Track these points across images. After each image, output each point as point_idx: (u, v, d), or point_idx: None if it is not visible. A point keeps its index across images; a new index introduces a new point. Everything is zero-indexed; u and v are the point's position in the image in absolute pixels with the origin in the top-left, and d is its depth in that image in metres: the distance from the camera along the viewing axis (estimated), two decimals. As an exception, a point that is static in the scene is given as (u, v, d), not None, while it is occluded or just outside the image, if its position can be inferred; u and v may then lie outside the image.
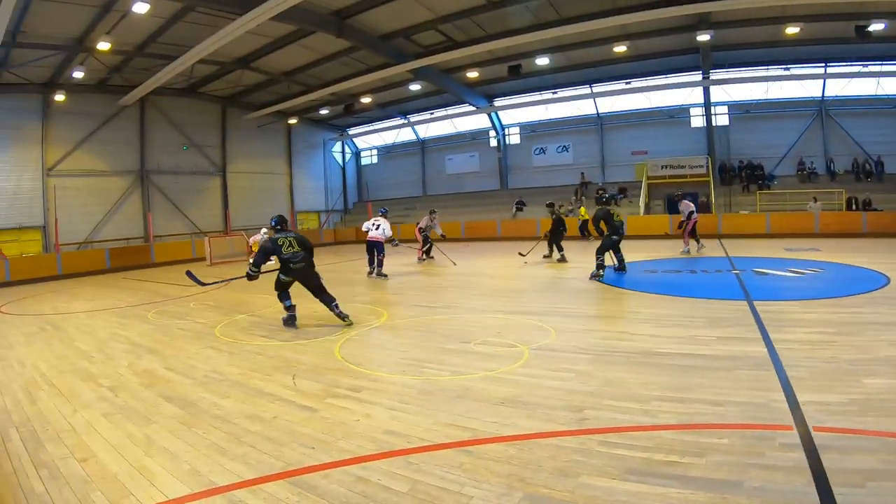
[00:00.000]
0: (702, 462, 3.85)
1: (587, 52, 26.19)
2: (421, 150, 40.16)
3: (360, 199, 43.13)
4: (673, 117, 30.48)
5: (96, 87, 27.19)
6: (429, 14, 22.01)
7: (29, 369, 8.00)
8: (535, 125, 34.88)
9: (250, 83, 30.27)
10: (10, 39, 19.75)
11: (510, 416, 4.93)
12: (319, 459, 4.33)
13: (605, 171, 32.53)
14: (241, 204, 34.10)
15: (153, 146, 30.20)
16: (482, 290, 12.93)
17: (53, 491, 4.08)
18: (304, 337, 8.81)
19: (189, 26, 21.29)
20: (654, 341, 7.18)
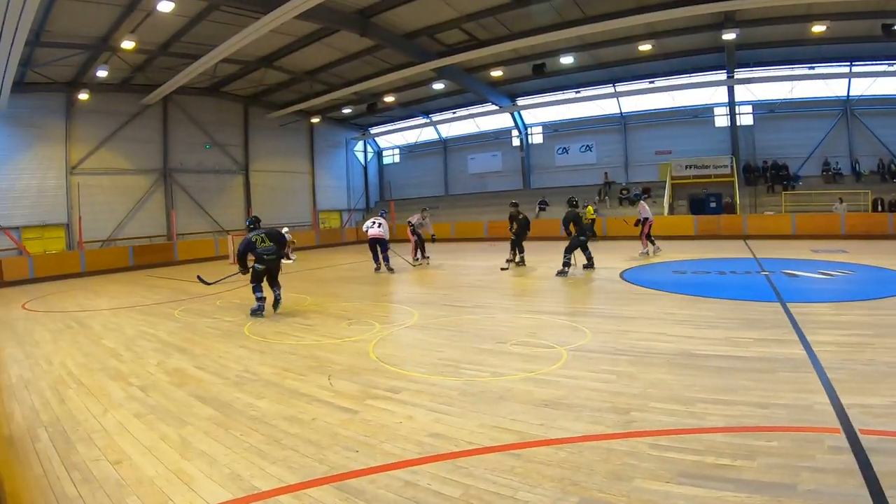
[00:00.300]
0: (753, 465, 3.77)
1: (611, 51, 25.90)
2: (443, 149, 39.97)
3: (382, 199, 42.94)
4: (697, 117, 30.03)
5: (120, 86, 27.26)
6: (453, 13, 21.82)
7: (56, 367, 7.93)
8: (558, 124, 34.55)
9: (273, 82, 30.22)
10: (35, 39, 19.79)
11: (556, 418, 4.83)
12: (364, 463, 4.20)
13: (629, 170, 32.16)
14: (264, 202, 33.99)
15: (176, 145, 30.29)
16: (511, 289, 12.82)
17: (87, 495, 3.95)
18: (336, 337, 8.68)
19: (213, 25, 21.25)
20: (692, 343, 7.05)
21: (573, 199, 16.18)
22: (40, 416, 5.80)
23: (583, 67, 28.21)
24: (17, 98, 23.07)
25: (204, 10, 19.98)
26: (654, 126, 31.37)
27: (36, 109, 25.02)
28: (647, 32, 23.16)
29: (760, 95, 28.35)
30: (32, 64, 22.41)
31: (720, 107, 29.13)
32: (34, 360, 8.49)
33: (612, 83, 30.46)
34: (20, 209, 24.50)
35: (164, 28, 21.43)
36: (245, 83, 30.14)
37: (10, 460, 4.71)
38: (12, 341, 10.29)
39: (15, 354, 9.07)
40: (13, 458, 4.76)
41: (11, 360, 8.63)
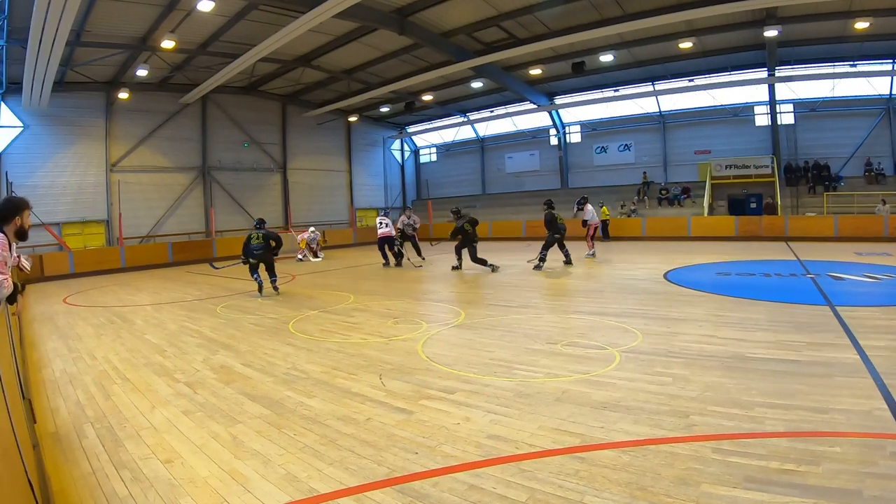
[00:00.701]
0: (818, 470, 3.69)
1: (651, 49, 25.50)
2: (480, 148, 39.76)
3: (419, 198, 42.97)
4: (737, 116, 29.44)
5: (159, 85, 27.57)
6: (491, 10, 21.62)
7: (100, 362, 7.92)
8: (596, 123, 34.18)
9: (311, 81, 30.27)
10: (75, 39, 19.98)
11: (615, 420, 4.73)
12: (425, 465, 4.10)
13: (668, 170, 31.67)
14: (302, 200, 34.27)
15: (214, 143, 30.57)
16: (556, 289, 12.64)
17: (138, 494, 3.87)
18: (382, 335, 8.58)
19: (252, 25, 21.34)
20: (744, 346, 6.88)
21: (550, 200, 17.41)
22: (86, 411, 5.75)
23: (621, 65, 27.84)
24: (57, 97, 23.48)
25: (243, 9, 20.01)
26: (693, 125, 30.83)
27: (76, 108, 25.43)
28: (686, 30, 22.74)
29: (801, 94, 27.64)
30: (72, 64, 22.71)
31: (761, 105, 28.59)
32: (77, 355, 8.48)
33: (651, 81, 30.08)
34: (61, 205, 24.88)
35: (203, 27, 21.57)
36: (283, 82, 30.24)
37: (56, 457, 4.64)
38: (55, 335, 10.32)
39: (58, 349, 9.08)
40: (60, 454, 4.69)
41: (55, 355, 8.63)
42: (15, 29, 18.33)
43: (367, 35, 23.58)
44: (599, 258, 18.53)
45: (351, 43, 24.50)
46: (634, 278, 13.80)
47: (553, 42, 22.61)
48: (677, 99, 30.66)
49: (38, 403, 6.11)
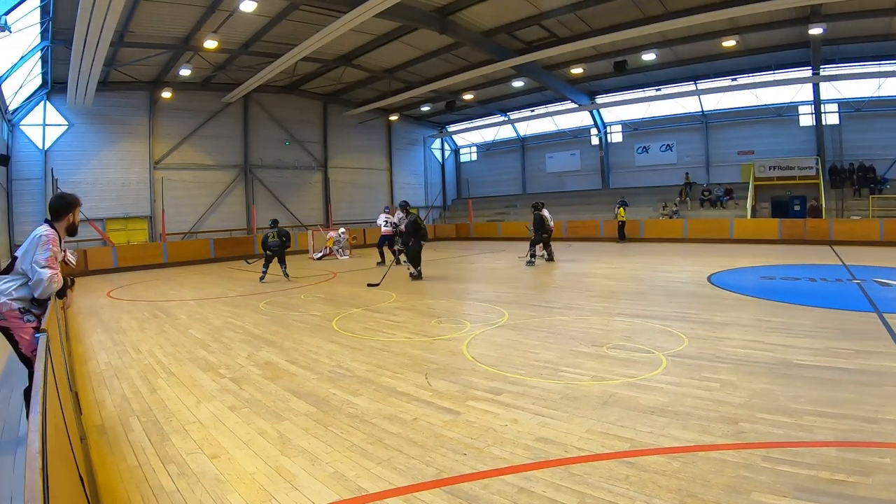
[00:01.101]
0: (868, 482, 3.61)
1: (693, 47, 25.03)
2: (521, 147, 39.49)
3: (460, 196, 43.00)
4: (781, 115, 28.69)
5: (201, 85, 27.97)
6: (532, 9, 21.42)
7: (145, 355, 8.02)
8: (638, 123, 33.75)
9: (352, 80, 30.38)
10: (118, 39, 20.33)
11: (664, 426, 4.66)
12: (474, 467, 4.06)
13: (710, 171, 31.05)
14: (342, 198, 34.50)
15: (256, 141, 30.89)
16: (598, 291, 12.44)
17: (185, 489, 3.89)
18: (426, 335, 8.56)
19: (293, 24, 21.46)
20: (791, 352, 6.74)
21: (538, 203, 18.84)
22: (132, 404, 5.82)
23: (663, 64, 27.39)
24: (102, 96, 23.93)
25: (285, 9, 20.09)
26: (736, 125, 30.18)
27: (120, 107, 25.93)
28: (730, 27, 22.27)
29: (847, 93, 26.84)
30: (116, 64, 23.14)
31: (805, 105, 27.82)
32: (122, 348, 8.60)
33: (694, 80, 29.49)
34: (105, 202, 25.31)
35: (245, 28, 21.76)
36: (324, 81, 30.41)
37: (102, 449, 4.68)
38: (99, 328, 10.51)
39: (103, 342, 9.22)
40: (106, 447, 4.73)
41: (99, 347, 8.76)
42: (60, 30, 18.68)
43: (408, 34, 23.57)
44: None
45: (392, 42, 24.50)
46: (678, 281, 13.64)
47: (594, 41, 22.36)
48: (720, 98, 30.03)
49: (83, 396, 6.19)
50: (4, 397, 6.32)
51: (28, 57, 19.47)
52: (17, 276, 4.65)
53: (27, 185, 23.24)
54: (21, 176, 23.06)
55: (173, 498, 3.77)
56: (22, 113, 23.38)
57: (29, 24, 17.48)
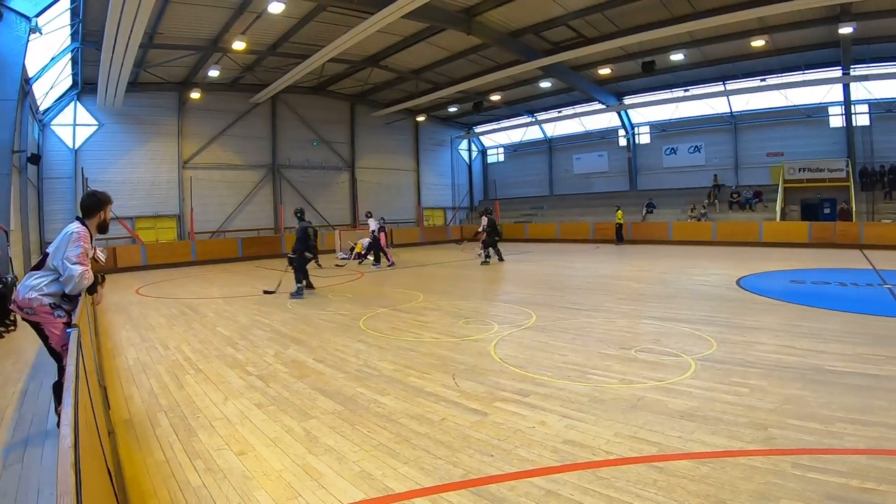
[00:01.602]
0: None
1: (722, 47, 24.76)
2: (548, 148, 39.32)
3: (486, 197, 42.87)
4: (810, 117, 28.20)
5: (230, 86, 28.29)
6: (559, 10, 21.34)
7: (173, 352, 8.10)
8: (666, 124, 33.37)
9: (379, 81, 30.51)
10: (148, 41, 20.72)
11: (693, 430, 4.59)
12: (501, 468, 4.03)
13: (739, 173, 30.64)
14: (369, 198, 34.53)
15: (284, 141, 31.17)
16: (626, 293, 12.35)
17: (211, 485, 3.91)
18: (454, 335, 8.54)
19: (321, 26, 21.63)
20: (822, 357, 6.64)
21: (488, 209, 21.17)
22: (159, 400, 5.87)
23: (692, 64, 27.14)
24: (131, 97, 24.31)
25: (312, 10, 20.25)
26: (765, 126, 29.73)
27: (149, 107, 26.35)
28: (759, 27, 21.99)
29: (878, 94, 26.33)
30: (146, 65, 23.50)
31: (835, 106, 27.31)
32: (150, 344, 8.70)
33: (723, 81, 29.17)
34: (134, 200, 25.71)
35: (273, 29, 21.98)
36: (351, 82, 30.54)
37: (130, 444, 4.72)
38: (128, 325, 10.63)
39: (131, 338, 9.32)
40: (133, 442, 4.77)
41: (128, 343, 8.86)
42: (90, 32, 19.00)
43: (435, 35, 23.60)
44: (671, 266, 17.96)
45: (419, 43, 24.56)
46: (706, 284, 13.48)
47: (622, 41, 22.22)
48: (749, 99, 29.63)
49: (112, 391, 6.25)
50: (34, 390, 6.42)
51: (59, 58, 19.79)
52: (49, 272, 4.71)
53: (58, 184, 23.66)
54: (52, 175, 23.46)
55: (200, 493, 3.78)
56: (53, 113, 23.79)
57: (59, 26, 17.75)
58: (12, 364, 7.88)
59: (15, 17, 14.61)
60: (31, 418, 5.54)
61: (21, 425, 5.39)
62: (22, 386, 6.75)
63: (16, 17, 14.62)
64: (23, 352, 8.65)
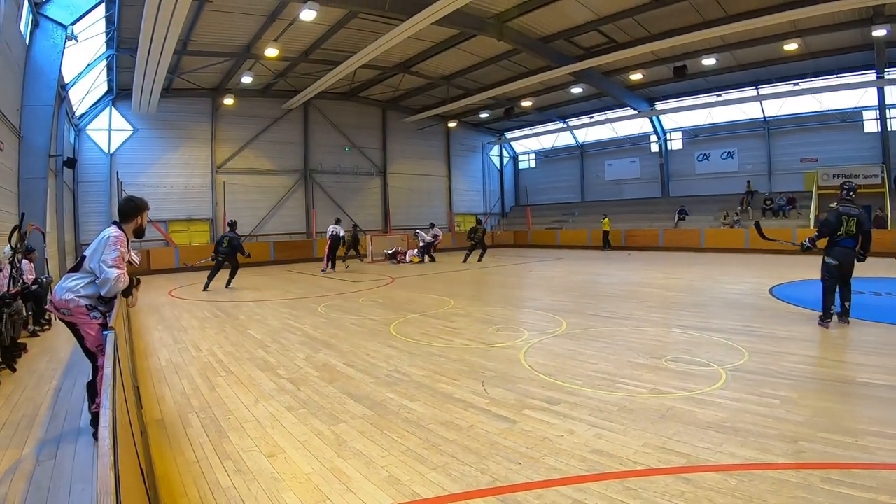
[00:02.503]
0: None
1: (755, 51, 24.47)
2: (580, 154, 39.09)
3: (518, 203, 42.88)
4: (844, 121, 27.65)
5: (262, 92, 28.64)
6: (590, 15, 21.26)
7: (205, 354, 8.22)
8: (698, 129, 33.02)
9: (410, 87, 30.70)
10: (182, 48, 21.12)
11: (722, 442, 4.50)
12: (528, 477, 4.00)
13: (773, 179, 30.23)
14: (401, 204, 34.81)
15: (316, 147, 31.44)
16: (657, 301, 12.24)
17: (241, 486, 3.97)
18: (484, 342, 8.52)
19: (352, 32, 21.80)
20: (856, 370, 6.52)
21: (479, 219, 23.32)
22: (191, 401, 5.97)
23: (724, 69, 26.83)
24: (165, 103, 24.77)
25: (344, 17, 20.43)
26: (798, 131, 29.21)
27: (183, 113, 26.87)
28: (791, 30, 21.74)
29: (914, 97, 25.96)
30: (180, 71, 24.00)
31: (869, 110, 26.79)
32: (183, 346, 8.85)
33: (755, 85, 28.75)
34: (168, 204, 26.15)
35: (305, 36, 22.21)
36: (383, 88, 30.78)
37: (161, 444, 4.80)
38: (161, 326, 10.84)
39: (164, 339, 9.51)
40: (165, 441, 4.86)
41: (160, 344, 9.03)
42: (125, 39, 19.42)
43: (466, 41, 23.66)
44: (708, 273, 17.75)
45: (450, 49, 24.62)
46: (739, 293, 13.30)
47: (653, 46, 22.07)
48: (782, 104, 29.20)
49: (144, 391, 6.37)
50: (68, 388, 6.57)
51: (94, 65, 20.20)
52: (85, 275, 4.80)
53: (93, 188, 24.20)
54: (87, 178, 23.99)
55: (229, 494, 3.83)
56: (88, 118, 24.31)
57: (95, 33, 18.13)
58: (47, 362, 8.06)
59: (51, 25, 14.99)
60: (64, 416, 5.67)
61: (55, 422, 5.52)
62: (56, 384, 6.91)
63: (52, 26, 14.99)
64: (57, 350, 8.86)
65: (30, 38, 14.82)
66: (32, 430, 5.33)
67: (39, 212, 14.43)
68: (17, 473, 4.36)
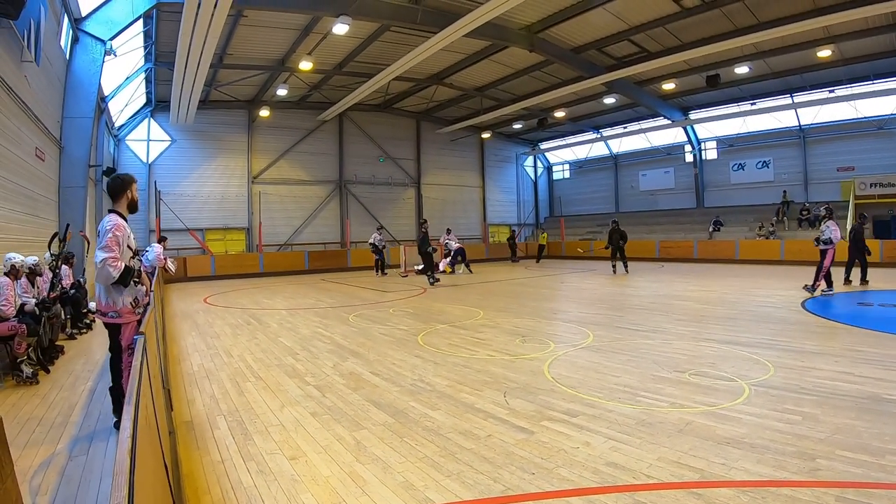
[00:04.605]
0: None
1: (788, 59, 24.19)
2: (614, 164, 38.94)
3: (552, 214, 42.81)
4: (881, 129, 27.04)
5: (297, 104, 29.19)
6: (621, 24, 21.27)
7: (236, 360, 8.42)
8: (733, 139, 32.62)
9: (443, 98, 30.94)
10: (217, 61, 21.69)
11: (738, 458, 4.47)
12: (540, 487, 4.04)
13: (809, 189, 29.70)
14: (434, 215, 34.80)
15: (351, 158, 31.87)
16: (687, 314, 12.11)
17: (262, 486, 4.11)
18: (509, 353, 8.52)
19: (385, 45, 22.16)
20: (882, 386, 6.32)
21: (424, 220, 22.37)
22: (220, 404, 6.16)
23: (757, 77, 26.55)
24: (202, 114, 25.43)
25: (376, 31, 20.78)
26: (835, 139, 28.72)
27: (220, 124, 27.56)
28: (824, 36, 21.44)
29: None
30: (216, 84, 24.64)
31: (905, 117, 26.36)
32: (215, 352, 9.08)
33: (790, 93, 28.38)
34: (205, 213, 26.89)
35: (338, 49, 22.63)
36: (416, 99, 31.09)
37: (189, 444, 4.99)
38: (194, 332, 11.13)
39: (197, 344, 9.77)
40: (192, 442, 5.04)
41: (193, 350, 9.29)
42: (162, 53, 20.03)
43: (498, 53, 23.81)
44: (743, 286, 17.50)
45: (482, 61, 24.78)
46: (770, 305, 13.07)
47: (685, 55, 21.96)
48: (817, 111, 28.75)
49: (175, 393, 6.60)
50: (102, 389, 6.77)
51: (133, 78, 20.79)
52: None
53: (131, 196, 24.65)
54: (126, 188, 24.45)
55: (250, 493, 3.98)
56: (127, 129, 25.01)
57: (134, 47, 18.64)
58: (83, 364, 8.40)
59: (91, 40, 15.50)
60: (97, 415, 5.92)
61: (88, 421, 5.78)
62: (91, 385, 7.22)
63: (91, 41, 15.51)
64: (93, 353, 9.20)
65: (70, 54, 15.34)
66: (67, 427, 5.58)
67: (79, 219, 14.87)
68: (51, 467, 4.60)
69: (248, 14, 18.55)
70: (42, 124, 12.87)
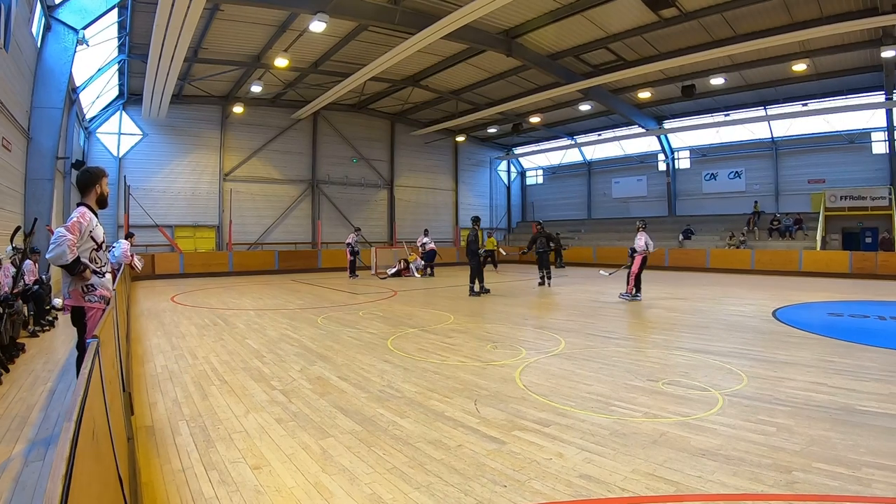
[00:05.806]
0: None
1: (763, 71, 24.58)
2: (587, 171, 39.23)
3: (524, 219, 43.02)
4: (853, 143, 27.69)
5: (272, 101, 29.00)
6: (599, 32, 21.39)
7: (200, 362, 8.22)
8: (706, 149, 33.07)
9: (419, 100, 30.90)
10: (192, 55, 21.46)
11: (713, 470, 4.41)
12: (512, 500, 3.93)
13: (780, 200, 30.21)
14: (407, 217, 35.06)
15: (324, 157, 31.73)
16: (659, 322, 12.14)
17: (223, 497, 3.95)
18: (480, 359, 8.44)
19: (362, 45, 22.08)
20: (854, 397, 6.36)
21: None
22: (182, 409, 5.97)
23: (732, 89, 26.96)
24: (175, 109, 25.23)
25: (354, 30, 20.67)
26: (806, 152, 29.25)
27: (193, 120, 27.23)
28: (800, 51, 21.84)
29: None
30: (190, 78, 24.30)
31: (878, 132, 26.81)
32: (179, 353, 8.86)
33: (763, 106, 28.88)
34: (175, 209, 26.55)
35: (315, 47, 22.48)
36: (392, 101, 31.00)
37: (149, 451, 4.80)
38: (160, 331, 10.88)
39: (161, 345, 9.52)
40: (152, 448, 4.85)
41: (158, 351, 9.05)
42: (136, 45, 19.69)
43: (475, 56, 23.82)
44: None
45: (459, 64, 24.80)
46: (741, 315, 13.16)
47: (662, 64, 22.17)
48: (790, 124, 29.34)
49: (137, 396, 6.39)
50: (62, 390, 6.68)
51: (105, 69, 20.44)
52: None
53: (100, 190, 24.26)
54: (95, 181, 24.06)
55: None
56: (98, 122, 24.59)
57: (107, 38, 18.31)
58: (43, 364, 8.13)
59: (63, 28, 15.16)
60: (56, 418, 5.70)
61: (46, 424, 5.55)
62: (51, 385, 6.97)
63: (64, 29, 15.17)
64: (55, 352, 8.95)
65: (41, 41, 15.01)
66: (23, 430, 5.36)
67: (45, 213, 14.54)
68: (5, 473, 4.38)
69: (224, 8, 18.29)
70: (9, 112, 12.56)
